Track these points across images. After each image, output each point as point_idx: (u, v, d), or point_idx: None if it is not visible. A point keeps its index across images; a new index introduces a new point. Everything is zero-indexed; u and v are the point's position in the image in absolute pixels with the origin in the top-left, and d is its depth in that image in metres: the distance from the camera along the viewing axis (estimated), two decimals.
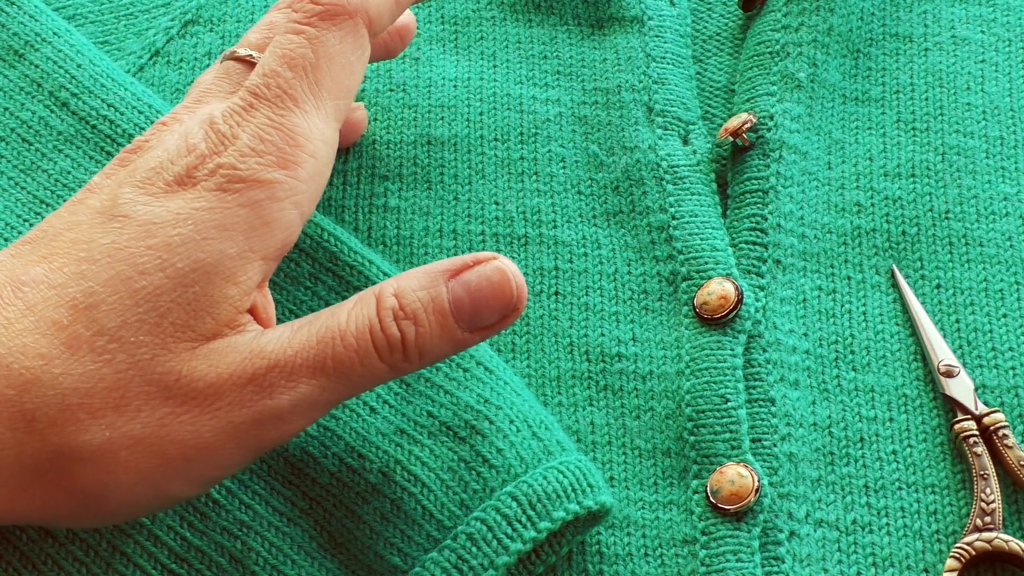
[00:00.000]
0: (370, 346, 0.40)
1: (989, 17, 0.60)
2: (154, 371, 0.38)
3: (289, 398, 0.39)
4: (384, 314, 0.40)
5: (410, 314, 0.41)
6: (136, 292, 0.38)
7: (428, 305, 0.41)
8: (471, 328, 0.42)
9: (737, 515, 0.46)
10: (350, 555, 0.45)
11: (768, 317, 0.51)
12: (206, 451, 0.39)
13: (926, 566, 0.47)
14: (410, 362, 0.41)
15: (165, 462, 0.39)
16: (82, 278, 0.39)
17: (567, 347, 0.51)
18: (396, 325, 0.40)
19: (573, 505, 0.45)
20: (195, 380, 0.39)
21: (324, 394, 0.40)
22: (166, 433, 0.39)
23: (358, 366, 0.40)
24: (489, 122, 0.57)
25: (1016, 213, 0.54)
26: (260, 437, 0.40)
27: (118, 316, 0.38)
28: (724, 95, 0.58)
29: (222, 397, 0.39)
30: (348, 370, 0.40)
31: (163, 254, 0.39)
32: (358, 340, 0.40)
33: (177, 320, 0.39)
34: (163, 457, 0.39)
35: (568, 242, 0.53)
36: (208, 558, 0.45)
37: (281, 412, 0.40)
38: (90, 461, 0.38)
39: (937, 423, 0.50)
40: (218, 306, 0.39)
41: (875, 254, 0.53)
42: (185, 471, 0.40)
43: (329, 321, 0.40)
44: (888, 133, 0.56)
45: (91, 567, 0.45)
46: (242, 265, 0.40)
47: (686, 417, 0.49)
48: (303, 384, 0.39)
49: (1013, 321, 0.52)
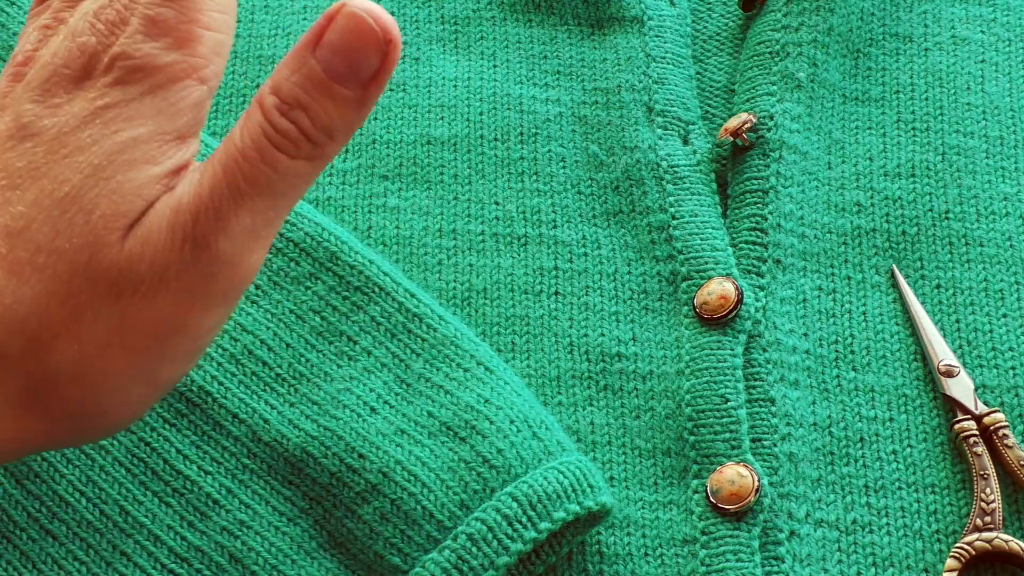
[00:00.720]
0: (272, 150, 0.38)
1: (989, 17, 0.60)
2: (96, 270, 0.37)
3: (227, 237, 0.38)
4: (270, 114, 0.39)
5: (293, 102, 0.39)
6: (61, 201, 0.38)
7: (306, 84, 0.39)
8: (360, 84, 0.39)
9: (737, 515, 0.46)
10: (350, 555, 0.45)
11: (768, 317, 0.51)
12: (176, 326, 0.38)
13: (926, 566, 0.47)
14: (320, 145, 0.39)
15: (143, 353, 0.38)
16: (9, 204, 0.38)
17: (567, 347, 0.51)
18: (286, 119, 0.39)
19: (573, 505, 0.45)
20: (134, 263, 0.38)
21: (259, 216, 0.39)
22: (131, 325, 0.38)
23: (272, 174, 0.39)
24: (489, 122, 0.57)
25: (1016, 213, 0.54)
26: (224, 288, 0.39)
27: (51, 229, 0.38)
28: (724, 95, 0.58)
29: (166, 268, 0.38)
30: (266, 182, 0.39)
31: (79, 157, 0.38)
32: (259, 149, 0.38)
33: (107, 211, 0.38)
34: (138, 350, 0.38)
35: (568, 242, 0.53)
36: (208, 558, 0.45)
37: (229, 255, 0.38)
38: (71, 380, 0.38)
39: (937, 423, 0.50)
40: (145, 187, 0.38)
41: (875, 254, 0.53)
42: (166, 353, 0.39)
43: (227, 147, 0.39)
44: (888, 133, 0.56)
45: (91, 567, 0.45)
46: (158, 147, 0.38)
47: (686, 417, 0.49)
48: (232, 218, 0.38)
49: (1013, 321, 0.52)
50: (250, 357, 0.48)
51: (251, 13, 0.60)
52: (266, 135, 0.38)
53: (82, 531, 0.45)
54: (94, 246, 0.37)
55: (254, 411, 0.47)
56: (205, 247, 0.38)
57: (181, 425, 0.47)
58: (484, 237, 0.54)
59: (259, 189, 0.38)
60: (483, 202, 0.54)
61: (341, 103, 0.39)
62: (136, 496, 0.46)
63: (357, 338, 0.48)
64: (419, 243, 0.54)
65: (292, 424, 0.46)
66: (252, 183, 0.38)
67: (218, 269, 0.38)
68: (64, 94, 0.39)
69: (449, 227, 0.54)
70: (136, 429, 0.47)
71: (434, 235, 0.54)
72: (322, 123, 0.39)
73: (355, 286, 0.49)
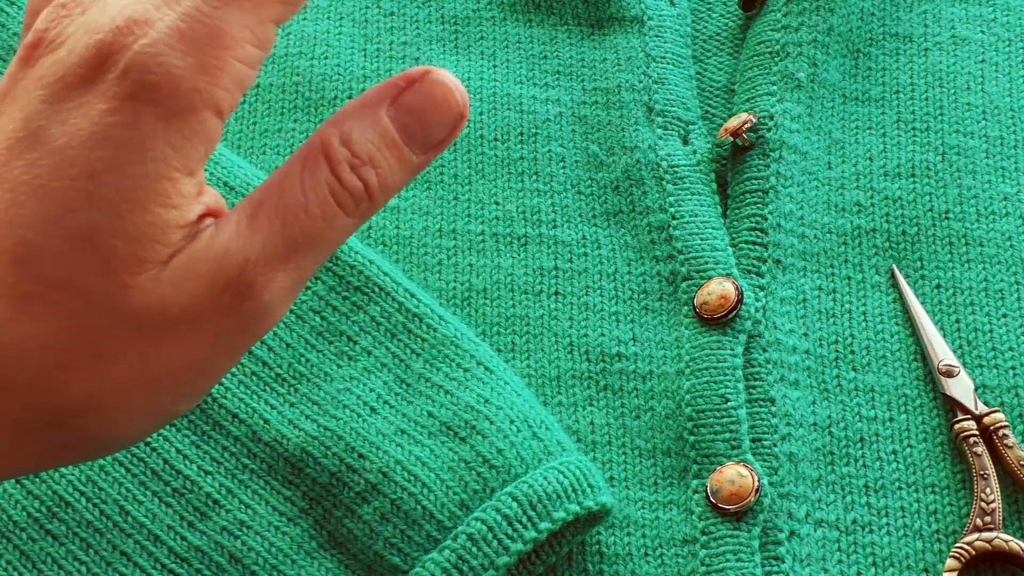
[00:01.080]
0: (336, 208, 0.37)
1: (989, 17, 0.60)
2: (121, 313, 0.35)
3: (271, 290, 0.37)
4: (340, 170, 0.37)
5: (366, 159, 0.37)
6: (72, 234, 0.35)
7: (379, 143, 0.37)
8: (424, 150, 0.38)
9: (737, 515, 0.46)
10: (350, 555, 0.45)
11: (768, 317, 0.51)
12: (200, 369, 0.37)
13: (926, 566, 0.47)
14: (376, 204, 0.38)
15: (160, 392, 0.37)
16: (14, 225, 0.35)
17: (567, 347, 0.51)
18: (356, 176, 0.37)
19: (573, 505, 0.45)
20: (168, 308, 0.36)
21: (303, 271, 0.37)
22: (154, 367, 0.36)
23: (329, 230, 0.37)
24: (489, 122, 0.57)
25: (1016, 213, 0.54)
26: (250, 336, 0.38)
27: (61, 265, 0.35)
28: (724, 95, 0.58)
29: (203, 315, 0.36)
30: (320, 239, 0.37)
31: (87, 185, 0.35)
32: (323, 207, 0.37)
33: (125, 255, 0.35)
34: (157, 389, 0.37)
35: (568, 242, 0.53)
36: (208, 558, 0.45)
37: (268, 306, 0.37)
38: (81, 414, 0.36)
39: (937, 423, 0.50)
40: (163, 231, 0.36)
41: (875, 254, 0.53)
42: (185, 392, 0.38)
43: (286, 199, 0.37)
44: (888, 133, 0.56)
45: (91, 567, 0.45)
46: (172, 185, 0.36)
47: (686, 417, 0.49)
48: (281, 272, 0.37)
49: (1013, 321, 0.52)
50: (250, 357, 0.48)
51: None
52: (334, 193, 0.37)
53: (82, 531, 0.45)
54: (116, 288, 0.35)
55: (254, 411, 0.47)
56: (249, 298, 0.36)
57: (181, 425, 0.47)
58: (484, 237, 0.54)
59: (313, 245, 0.37)
60: (483, 202, 0.54)
61: (405, 165, 0.38)
62: (136, 496, 0.46)
63: (357, 338, 0.48)
64: (419, 243, 0.54)
65: (292, 424, 0.46)
66: (308, 239, 0.37)
67: (255, 320, 0.37)
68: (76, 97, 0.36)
69: (449, 227, 0.54)
70: None
71: (434, 235, 0.54)
72: (386, 183, 0.38)
73: (355, 286, 0.49)
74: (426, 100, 0.38)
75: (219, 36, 0.36)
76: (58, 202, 0.35)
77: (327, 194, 0.37)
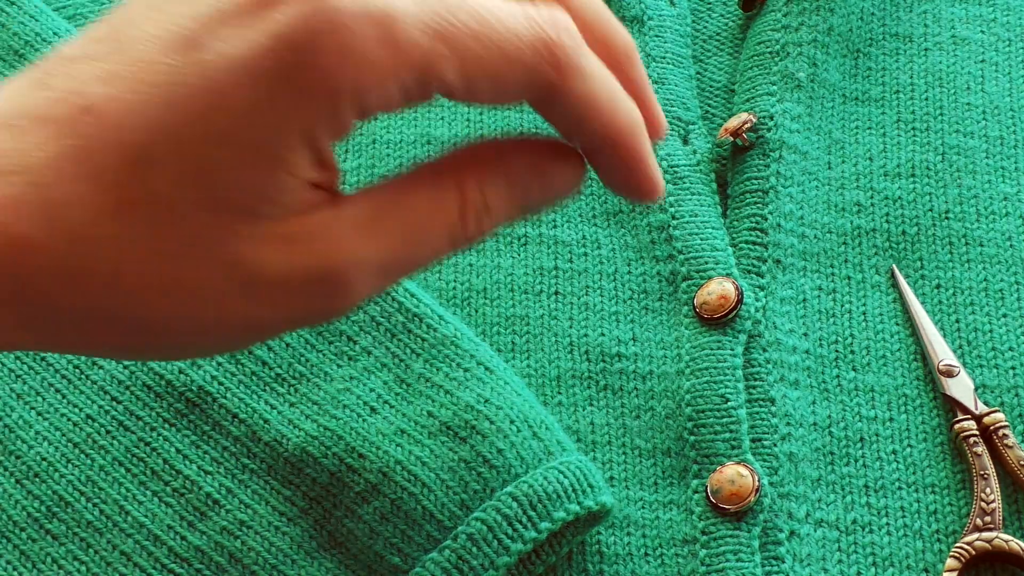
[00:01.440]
0: (448, 244, 0.37)
1: (989, 17, 0.60)
2: (220, 254, 0.34)
3: (358, 297, 0.36)
4: (469, 217, 0.37)
5: (493, 215, 0.37)
6: (194, 162, 0.34)
7: (508, 203, 0.38)
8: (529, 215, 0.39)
9: (737, 515, 0.46)
10: (350, 555, 0.45)
11: (768, 317, 0.51)
12: (261, 331, 0.37)
13: (926, 566, 0.47)
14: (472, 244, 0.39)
15: (219, 336, 0.36)
16: (139, 124, 0.34)
17: (567, 347, 0.51)
18: (480, 227, 0.37)
19: (573, 505, 0.45)
20: (266, 268, 0.35)
21: (390, 283, 0.37)
22: (223, 316, 0.35)
23: (431, 257, 0.37)
24: (489, 122, 0.57)
25: (1016, 213, 0.54)
26: (317, 321, 0.37)
27: (175, 187, 0.34)
28: (724, 95, 0.58)
29: (292, 291, 0.35)
30: (421, 262, 0.37)
31: (222, 119, 0.34)
32: (440, 242, 0.37)
33: (239, 203, 0.34)
34: (217, 333, 0.36)
35: (568, 242, 0.53)
36: (208, 558, 0.45)
37: (348, 306, 0.36)
38: (143, 330, 0.35)
39: (937, 423, 0.50)
40: (280, 192, 0.35)
41: (875, 254, 0.53)
42: (236, 341, 0.37)
43: (411, 218, 0.36)
44: (888, 133, 0.56)
45: (91, 567, 0.45)
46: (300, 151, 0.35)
47: (686, 417, 0.49)
48: (377, 283, 0.36)
49: (1013, 321, 0.52)
50: (250, 357, 0.48)
51: None
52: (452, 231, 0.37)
53: (82, 531, 0.45)
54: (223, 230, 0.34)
55: (254, 411, 0.47)
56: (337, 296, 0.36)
57: (181, 425, 0.47)
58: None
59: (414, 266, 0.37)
60: None
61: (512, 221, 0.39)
62: (136, 496, 0.46)
63: (357, 338, 0.48)
64: None
65: (292, 424, 0.46)
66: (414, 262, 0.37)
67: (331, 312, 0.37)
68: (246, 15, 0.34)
69: None
70: (136, 429, 0.47)
71: None
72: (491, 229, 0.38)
73: None
74: (563, 181, 0.39)
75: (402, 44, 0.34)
76: (193, 126, 0.34)
77: (448, 231, 0.37)
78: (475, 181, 0.37)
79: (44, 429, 0.47)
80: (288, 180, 0.35)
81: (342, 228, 0.35)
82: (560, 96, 0.37)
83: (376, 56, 0.34)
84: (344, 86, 0.34)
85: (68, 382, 0.48)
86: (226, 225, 0.34)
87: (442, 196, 0.37)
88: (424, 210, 0.36)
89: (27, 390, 0.48)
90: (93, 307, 0.35)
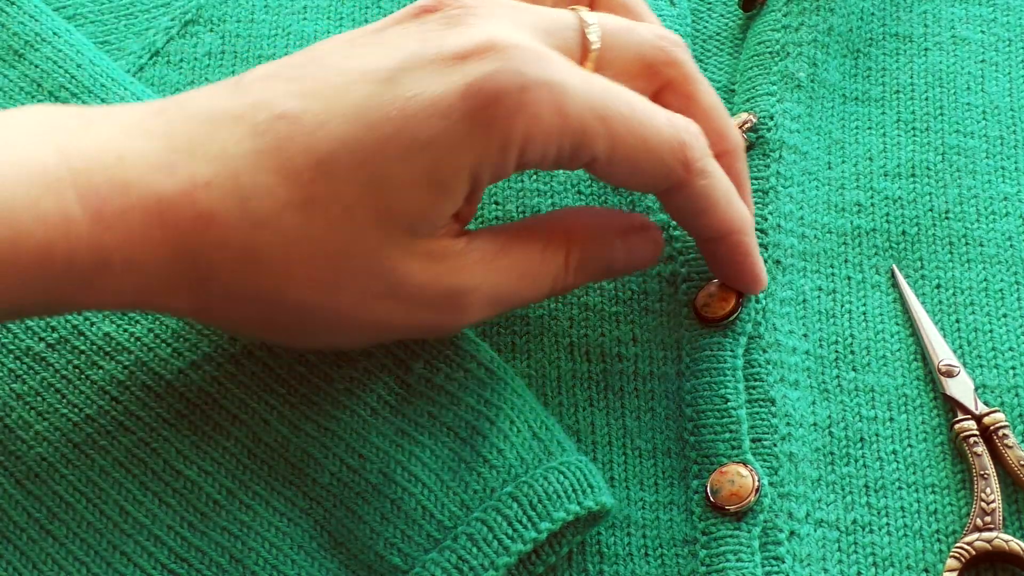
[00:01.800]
0: (549, 291, 0.45)
1: (989, 17, 0.60)
2: (377, 258, 0.39)
3: (468, 322, 0.42)
4: (569, 270, 0.44)
5: (582, 270, 0.45)
6: (377, 177, 0.39)
7: (598, 266, 0.46)
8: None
9: (737, 515, 0.46)
10: (350, 555, 0.45)
11: (768, 318, 0.51)
12: (388, 332, 0.42)
13: (926, 566, 0.47)
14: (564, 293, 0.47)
15: (353, 330, 0.42)
16: (331, 135, 0.39)
17: (567, 347, 0.51)
18: (572, 278, 0.45)
19: (573, 505, 0.45)
20: (410, 278, 0.40)
21: (495, 313, 0.44)
22: (362, 315, 0.40)
23: (533, 298, 0.45)
24: None
25: (1016, 213, 0.54)
26: (433, 333, 0.44)
27: (354, 191, 0.39)
28: (724, 95, 0.58)
29: (424, 302, 0.41)
30: (525, 301, 0.45)
31: (406, 143, 0.39)
32: (540, 290, 0.44)
33: (404, 218, 0.39)
34: (352, 328, 0.41)
35: None
36: (208, 558, 0.45)
37: (461, 325, 0.43)
38: (293, 317, 0.40)
39: (937, 423, 0.50)
40: (438, 216, 0.40)
41: (875, 254, 0.53)
42: (363, 338, 0.43)
43: (526, 265, 0.43)
44: (888, 133, 0.56)
45: (91, 567, 0.45)
46: (462, 184, 0.40)
47: (686, 417, 0.49)
48: (486, 310, 0.42)
49: (1013, 321, 0.52)
50: (250, 357, 0.48)
51: (251, 13, 0.60)
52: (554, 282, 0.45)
53: (82, 531, 0.45)
54: (384, 238, 0.39)
55: (254, 412, 0.47)
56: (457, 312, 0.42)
57: (181, 425, 0.47)
58: None
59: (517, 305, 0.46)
60: (483, 202, 0.54)
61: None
62: (136, 497, 0.46)
63: None
64: None
65: (292, 425, 0.46)
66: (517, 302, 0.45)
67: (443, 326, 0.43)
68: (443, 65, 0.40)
69: None
70: (136, 429, 0.47)
71: None
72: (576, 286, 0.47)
73: None
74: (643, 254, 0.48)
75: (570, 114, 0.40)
76: (378, 142, 0.39)
77: (552, 280, 0.44)
78: (578, 244, 0.44)
79: (44, 429, 0.47)
80: (447, 206, 0.40)
81: (471, 257, 0.41)
82: (684, 190, 0.44)
83: (547, 118, 0.39)
84: (516, 136, 0.39)
85: (68, 382, 0.48)
86: (388, 235, 0.39)
87: (552, 250, 0.44)
88: (537, 259, 0.43)
89: (27, 390, 0.48)
90: (259, 288, 0.40)
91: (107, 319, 0.49)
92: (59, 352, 0.49)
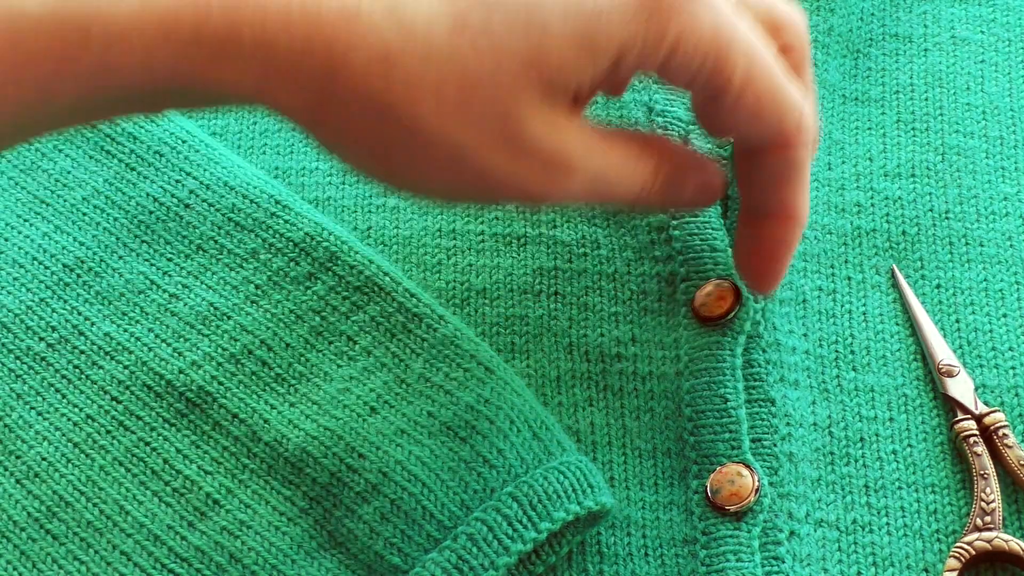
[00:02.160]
0: (634, 195, 0.44)
1: (989, 17, 0.60)
2: (504, 99, 0.39)
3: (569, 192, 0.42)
4: (656, 182, 0.44)
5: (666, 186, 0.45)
6: (531, 21, 0.39)
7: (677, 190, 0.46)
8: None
9: (737, 515, 0.46)
10: (350, 555, 0.45)
11: (768, 317, 0.51)
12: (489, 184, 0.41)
13: (926, 566, 0.47)
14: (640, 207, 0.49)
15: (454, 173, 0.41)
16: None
17: (567, 347, 0.51)
18: (657, 190, 0.45)
19: (573, 505, 0.45)
20: (529, 132, 0.40)
21: (585, 199, 0.44)
22: (468, 154, 0.40)
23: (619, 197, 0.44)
24: None
25: (1016, 213, 0.54)
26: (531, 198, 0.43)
27: (507, 29, 0.39)
28: None
29: (535, 162, 0.41)
30: (613, 196, 0.44)
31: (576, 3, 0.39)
32: (631, 187, 0.44)
33: (543, 67, 0.39)
34: (455, 169, 0.41)
35: (567, 242, 0.53)
36: (208, 558, 0.45)
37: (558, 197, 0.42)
38: (407, 134, 0.39)
39: (937, 423, 0.50)
40: (576, 77, 0.40)
41: (875, 254, 0.53)
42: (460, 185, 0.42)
43: (627, 162, 0.43)
44: (888, 133, 0.56)
45: (91, 567, 0.45)
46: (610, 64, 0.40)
47: (686, 417, 0.49)
48: (585, 188, 0.42)
49: (1013, 321, 0.52)
50: (250, 357, 0.48)
51: None
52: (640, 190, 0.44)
53: (82, 531, 0.45)
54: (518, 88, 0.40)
55: (254, 411, 0.47)
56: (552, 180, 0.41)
57: (181, 425, 0.47)
58: (484, 237, 0.54)
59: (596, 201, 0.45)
60: None
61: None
62: (136, 496, 0.46)
63: (357, 338, 0.48)
64: (419, 243, 0.54)
65: (292, 424, 0.46)
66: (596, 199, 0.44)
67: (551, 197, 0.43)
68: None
69: (449, 227, 0.54)
70: (136, 429, 0.47)
71: (434, 235, 0.54)
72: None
73: (355, 286, 0.49)
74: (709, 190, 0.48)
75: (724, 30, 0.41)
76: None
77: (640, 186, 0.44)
78: (668, 161, 0.45)
79: (44, 429, 0.47)
80: (587, 72, 0.41)
81: (581, 136, 0.42)
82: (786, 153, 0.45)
83: (706, 29, 0.41)
84: (672, 32, 0.40)
85: (68, 382, 0.48)
86: (525, 83, 0.40)
87: (647, 157, 0.44)
88: (634, 160, 0.44)
89: (27, 390, 0.48)
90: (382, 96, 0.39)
91: (107, 319, 0.49)
92: (59, 352, 0.49)
